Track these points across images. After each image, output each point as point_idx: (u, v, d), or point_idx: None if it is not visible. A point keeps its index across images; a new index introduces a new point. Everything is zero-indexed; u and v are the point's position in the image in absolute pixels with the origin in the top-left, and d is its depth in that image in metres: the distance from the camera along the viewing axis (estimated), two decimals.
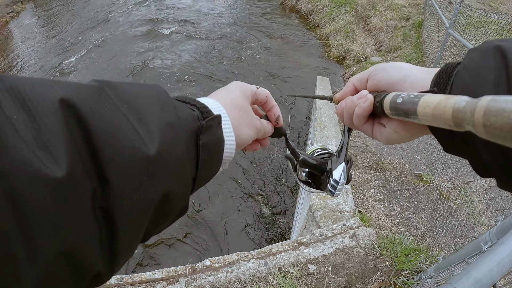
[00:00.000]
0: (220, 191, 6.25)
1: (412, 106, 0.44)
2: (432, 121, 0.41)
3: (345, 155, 0.72)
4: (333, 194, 0.69)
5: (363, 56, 9.59)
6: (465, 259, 1.76)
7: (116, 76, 10.01)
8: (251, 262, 2.46)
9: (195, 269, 2.47)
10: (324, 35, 11.68)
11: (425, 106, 0.41)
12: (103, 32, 12.87)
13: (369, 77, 0.63)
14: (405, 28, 9.64)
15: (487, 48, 0.46)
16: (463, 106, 0.34)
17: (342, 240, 2.60)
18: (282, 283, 2.26)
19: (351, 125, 0.66)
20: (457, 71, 0.49)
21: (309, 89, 8.94)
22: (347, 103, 0.64)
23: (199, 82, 9.44)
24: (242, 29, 12.49)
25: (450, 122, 0.36)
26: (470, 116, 0.32)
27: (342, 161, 0.71)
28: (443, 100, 0.38)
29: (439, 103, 0.38)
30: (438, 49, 6.47)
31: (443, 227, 3.47)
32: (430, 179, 4.18)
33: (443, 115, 0.37)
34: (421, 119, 0.43)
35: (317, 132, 4.82)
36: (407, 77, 0.57)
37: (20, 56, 12.20)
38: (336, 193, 0.69)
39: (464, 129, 0.35)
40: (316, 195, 3.43)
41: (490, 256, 0.92)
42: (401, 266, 2.36)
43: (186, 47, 11.39)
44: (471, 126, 0.33)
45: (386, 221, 3.48)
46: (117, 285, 2.41)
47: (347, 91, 0.69)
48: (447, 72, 0.50)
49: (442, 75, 0.51)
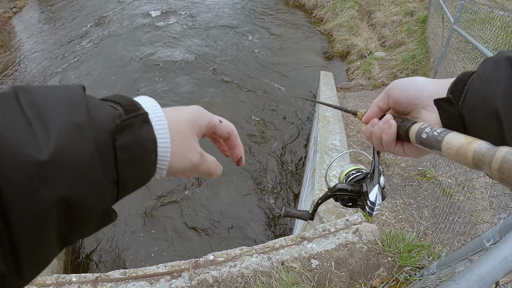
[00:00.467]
0: (225, 186, 6.27)
1: (436, 143, 0.49)
2: (454, 159, 0.46)
3: (378, 177, 0.78)
4: (371, 215, 0.76)
5: (367, 51, 9.56)
6: (468, 256, 1.77)
7: (119, 67, 10.02)
8: (254, 256, 2.47)
9: (198, 264, 2.49)
10: (328, 30, 11.64)
11: (448, 147, 0.46)
12: (107, 25, 12.88)
13: (388, 94, 0.66)
14: (409, 23, 9.59)
15: (499, 58, 0.49)
16: (482, 155, 0.40)
17: (345, 236, 2.61)
18: (285, 278, 2.27)
19: (381, 149, 0.69)
20: (471, 79, 0.52)
21: (312, 83, 8.92)
22: (375, 131, 0.67)
23: (195, 72, 9.45)
24: (244, 23, 12.45)
25: (470, 164, 0.43)
26: (487, 164, 0.39)
27: (376, 183, 0.76)
28: (464, 146, 0.44)
29: (460, 148, 0.44)
30: (442, 45, 6.44)
31: (445, 224, 3.47)
32: (434, 175, 4.18)
33: (464, 160, 0.43)
34: (444, 155, 0.48)
35: (320, 127, 4.82)
36: (424, 91, 0.61)
37: (24, 50, 12.21)
38: (375, 213, 0.76)
39: (482, 170, 0.42)
40: (320, 190, 3.44)
41: (494, 254, 0.92)
42: (403, 262, 2.37)
43: (188, 38, 11.39)
44: (488, 171, 0.40)
45: (389, 217, 3.48)
46: (121, 279, 2.43)
47: (372, 113, 0.71)
48: (462, 80, 0.54)
49: (458, 83, 0.54)
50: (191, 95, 8.75)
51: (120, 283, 2.40)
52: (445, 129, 0.50)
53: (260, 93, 8.68)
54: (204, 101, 8.43)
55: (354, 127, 5.28)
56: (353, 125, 5.35)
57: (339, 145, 4.40)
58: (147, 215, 5.89)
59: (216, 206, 5.89)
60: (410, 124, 0.58)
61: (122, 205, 6.10)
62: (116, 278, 2.45)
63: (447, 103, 0.54)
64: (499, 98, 0.46)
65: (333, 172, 3.77)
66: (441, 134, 0.49)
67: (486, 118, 0.48)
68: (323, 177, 3.69)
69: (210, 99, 8.59)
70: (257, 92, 8.74)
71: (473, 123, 0.51)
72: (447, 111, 0.55)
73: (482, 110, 0.49)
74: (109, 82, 9.60)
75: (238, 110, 8.29)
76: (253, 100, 8.50)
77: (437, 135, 0.49)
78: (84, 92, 0.43)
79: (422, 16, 9.59)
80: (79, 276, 2.51)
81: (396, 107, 0.65)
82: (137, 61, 10.31)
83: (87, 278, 2.47)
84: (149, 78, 9.55)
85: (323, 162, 4.03)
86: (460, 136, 0.45)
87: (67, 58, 11.09)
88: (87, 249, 5.59)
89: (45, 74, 10.47)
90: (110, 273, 2.51)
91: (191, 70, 9.75)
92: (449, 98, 0.54)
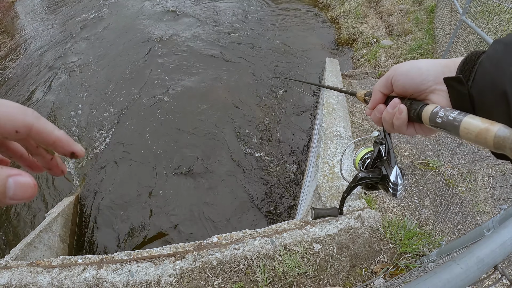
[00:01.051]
0: (229, 170, 6.32)
1: (453, 129, 0.51)
2: (474, 143, 0.49)
3: (394, 158, 0.79)
4: (396, 196, 0.77)
5: (373, 39, 9.48)
6: (468, 245, 1.79)
7: (124, 48, 10.02)
8: (258, 239, 2.51)
9: (202, 246, 2.53)
10: (335, 17, 11.53)
11: (466, 132, 0.49)
12: (112, 8, 12.82)
13: (392, 82, 0.67)
14: (417, 13, 9.48)
15: (509, 40, 0.50)
16: (503, 140, 0.44)
17: (347, 221, 2.64)
18: (287, 260, 2.31)
19: (392, 131, 0.71)
20: (481, 60, 0.53)
21: (318, 70, 8.89)
22: (385, 117, 0.69)
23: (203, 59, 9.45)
24: (250, 7, 12.36)
25: (491, 148, 0.46)
26: (509, 147, 0.43)
27: (394, 164, 0.78)
28: (483, 131, 0.47)
29: (480, 133, 0.47)
30: (450, 36, 6.38)
31: (447, 213, 3.50)
32: (437, 165, 4.19)
33: (485, 144, 0.47)
34: (463, 139, 0.51)
35: (325, 114, 4.83)
36: (429, 76, 0.61)
37: (28, 35, 12.20)
38: (399, 193, 0.77)
39: (503, 152, 0.45)
40: (323, 176, 3.48)
41: (494, 238, 0.95)
42: (404, 249, 2.40)
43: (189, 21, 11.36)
44: (509, 153, 0.44)
45: (391, 205, 3.51)
46: (126, 261, 2.48)
47: (376, 99, 0.72)
48: (472, 60, 0.55)
49: (468, 62, 0.55)
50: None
51: (125, 264, 2.45)
52: (459, 112, 0.51)
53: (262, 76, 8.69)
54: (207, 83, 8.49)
55: (359, 114, 5.28)
56: (357, 112, 5.35)
57: (343, 132, 4.42)
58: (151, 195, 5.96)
59: (219, 191, 5.95)
60: (421, 107, 0.59)
61: (127, 190, 6.17)
62: (121, 259, 2.50)
63: (457, 82, 0.55)
64: (508, 80, 0.47)
65: (337, 158, 3.80)
66: (456, 119, 0.51)
67: (495, 99, 0.49)
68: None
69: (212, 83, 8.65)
70: (257, 77, 8.76)
71: (482, 103, 0.53)
72: (456, 90, 0.56)
73: (491, 91, 0.50)
74: (114, 63, 9.61)
75: (241, 91, 8.35)
76: (256, 85, 8.51)
77: (453, 119, 0.51)
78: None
79: (430, 6, 9.47)
80: (84, 257, 2.56)
81: (402, 93, 0.66)
82: (145, 44, 10.30)
83: (92, 260, 2.52)
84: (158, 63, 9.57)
85: (327, 148, 4.05)
86: (476, 121, 0.48)
87: (70, 41, 11.08)
88: (90, 233, 5.66)
89: (48, 58, 10.48)
90: (115, 255, 2.55)
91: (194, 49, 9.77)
92: (459, 77, 0.55)
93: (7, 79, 9.95)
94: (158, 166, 6.54)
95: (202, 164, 6.48)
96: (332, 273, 2.30)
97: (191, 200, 5.81)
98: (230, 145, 6.86)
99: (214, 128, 7.25)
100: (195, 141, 7.05)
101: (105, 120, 7.80)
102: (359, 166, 0.89)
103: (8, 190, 0.35)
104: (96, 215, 5.86)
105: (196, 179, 6.21)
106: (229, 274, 2.31)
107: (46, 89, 9.16)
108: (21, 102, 8.59)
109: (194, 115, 7.62)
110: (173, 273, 2.33)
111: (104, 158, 6.95)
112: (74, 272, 2.39)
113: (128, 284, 2.29)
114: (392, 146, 0.80)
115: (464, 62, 0.56)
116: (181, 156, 6.73)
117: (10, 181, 0.36)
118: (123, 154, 6.93)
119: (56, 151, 0.43)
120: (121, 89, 8.69)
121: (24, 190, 0.36)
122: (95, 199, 6.11)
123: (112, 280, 2.33)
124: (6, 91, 9.37)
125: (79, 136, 7.47)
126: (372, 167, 0.84)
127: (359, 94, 0.90)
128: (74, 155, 0.44)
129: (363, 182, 0.82)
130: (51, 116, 8.16)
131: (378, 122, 0.73)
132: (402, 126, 0.65)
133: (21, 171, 0.37)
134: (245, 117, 7.52)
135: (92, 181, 6.47)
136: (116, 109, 8.08)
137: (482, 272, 0.90)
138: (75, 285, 2.32)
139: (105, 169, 6.68)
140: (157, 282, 2.29)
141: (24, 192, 0.36)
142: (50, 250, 4.86)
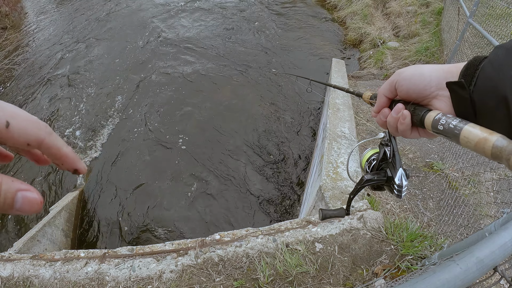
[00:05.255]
0: (232, 168, 6.33)
1: (454, 136, 0.53)
2: (473, 151, 0.51)
3: (399, 160, 0.82)
4: (400, 197, 0.80)
5: (380, 40, 9.45)
6: (469, 248, 1.79)
7: (133, 48, 10.05)
8: (260, 238, 2.52)
9: (204, 242, 2.54)
10: (342, 18, 11.52)
11: (466, 141, 0.51)
12: (124, 2, 12.87)
13: (396, 86, 0.68)
14: (424, 15, 9.45)
15: (511, 46, 0.51)
16: (499, 150, 0.46)
17: (350, 222, 2.64)
18: (289, 259, 2.32)
19: (397, 135, 0.73)
20: (483, 65, 0.54)
21: (324, 70, 8.88)
22: (389, 121, 0.70)
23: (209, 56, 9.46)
24: (256, 6, 12.36)
25: (489, 157, 0.48)
26: (506, 157, 0.45)
27: (399, 166, 0.80)
28: (482, 141, 0.48)
29: (479, 142, 0.49)
30: (457, 38, 6.36)
31: (449, 216, 3.49)
32: (440, 168, 4.19)
33: (483, 153, 0.48)
34: (463, 146, 0.53)
35: (330, 114, 4.82)
36: (432, 81, 0.62)
37: (34, 30, 12.25)
38: (403, 195, 0.79)
39: (500, 162, 0.47)
40: (327, 176, 3.48)
41: (494, 239, 0.96)
42: (406, 251, 2.40)
43: (199, 18, 11.38)
44: (506, 163, 0.45)
45: (394, 206, 3.51)
46: (128, 256, 2.49)
47: (381, 103, 0.74)
48: (474, 65, 0.56)
49: (470, 67, 0.56)
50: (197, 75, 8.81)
51: (127, 259, 2.47)
52: (460, 120, 0.53)
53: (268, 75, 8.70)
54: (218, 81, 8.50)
55: (364, 116, 5.28)
56: (363, 113, 5.34)
57: (348, 133, 4.41)
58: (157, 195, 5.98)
59: (222, 189, 5.96)
60: (424, 113, 0.61)
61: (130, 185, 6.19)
62: (123, 255, 2.51)
63: (459, 87, 0.56)
64: (509, 85, 0.48)
65: (341, 159, 3.80)
66: (457, 127, 0.52)
67: (496, 104, 0.50)
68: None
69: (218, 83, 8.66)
70: (263, 74, 8.76)
71: (483, 108, 0.53)
72: (458, 95, 0.57)
73: (492, 96, 0.51)
74: (119, 61, 9.64)
75: (244, 90, 8.38)
76: (261, 85, 8.52)
77: (454, 127, 0.53)
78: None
79: (437, 8, 9.43)
80: (87, 251, 2.57)
81: (406, 98, 0.67)
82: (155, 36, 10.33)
83: (95, 254, 2.54)
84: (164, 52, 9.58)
85: (332, 148, 4.05)
86: (476, 130, 0.49)
87: (78, 37, 11.11)
88: (93, 228, 5.69)
89: (56, 53, 10.53)
90: (118, 250, 2.57)
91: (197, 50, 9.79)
92: (461, 82, 0.55)
93: (15, 73, 10.00)
94: (162, 163, 6.57)
95: (205, 163, 6.49)
96: (333, 273, 2.30)
97: (194, 198, 5.83)
98: (233, 143, 6.88)
99: (217, 127, 7.28)
100: (197, 139, 7.08)
101: (109, 115, 7.87)
102: (365, 167, 0.91)
103: (16, 203, 0.38)
104: (100, 210, 5.89)
105: (199, 177, 6.23)
106: (230, 272, 2.31)
107: (52, 83, 9.22)
108: (26, 98, 8.66)
109: (198, 113, 7.65)
110: (174, 269, 2.35)
111: (109, 153, 6.99)
112: (77, 266, 2.41)
113: (129, 279, 2.30)
114: (397, 148, 0.81)
115: (467, 67, 0.57)
116: (185, 154, 6.75)
117: (19, 195, 0.38)
118: (128, 150, 6.97)
119: (61, 166, 0.46)
120: (127, 81, 8.84)
121: (30, 206, 0.39)
122: (99, 195, 6.14)
123: (114, 274, 2.34)
124: (11, 85, 9.42)
125: (84, 133, 7.51)
126: (377, 168, 0.86)
127: (365, 96, 0.92)
128: (76, 171, 0.47)
129: (369, 184, 0.84)
130: (54, 112, 8.19)
131: (383, 125, 0.74)
132: (406, 131, 0.67)
133: (30, 187, 0.39)
134: (248, 116, 7.54)
135: (97, 176, 6.50)
136: (121, 103, 8.17)
137: (482, 273, 0.91)
138: (77, 278, 2.33)
139: (110, 164, 6.72)
140: (158, 277, 2.30)
141: (30, 207, 0.39)
142: (53, 244, 4.89)
